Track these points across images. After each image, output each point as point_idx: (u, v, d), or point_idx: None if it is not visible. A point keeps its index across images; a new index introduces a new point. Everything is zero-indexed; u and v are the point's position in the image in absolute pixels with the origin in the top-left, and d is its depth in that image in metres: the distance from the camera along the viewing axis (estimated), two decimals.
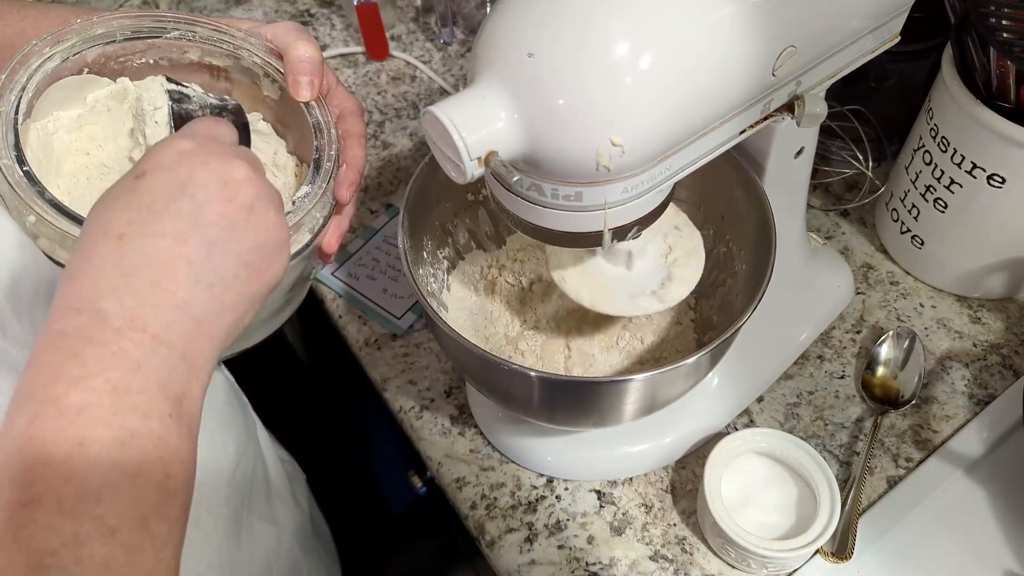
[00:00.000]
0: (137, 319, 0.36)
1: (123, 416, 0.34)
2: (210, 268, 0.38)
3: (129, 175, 0.39)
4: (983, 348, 0.77)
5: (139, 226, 0.37)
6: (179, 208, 0.38)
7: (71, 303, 0.36)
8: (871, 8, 0.52)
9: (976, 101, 0.66)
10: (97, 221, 0.38)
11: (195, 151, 0.40)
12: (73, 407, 0.33)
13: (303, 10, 1.10)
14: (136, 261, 0.36)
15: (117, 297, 0.36)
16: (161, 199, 0.38)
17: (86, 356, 0.34)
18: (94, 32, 0.51)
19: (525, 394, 0.59)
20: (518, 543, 0.67)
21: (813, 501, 0.63)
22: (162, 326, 0.36)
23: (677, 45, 0.43)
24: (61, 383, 0.34)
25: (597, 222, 0.49)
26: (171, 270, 0.37)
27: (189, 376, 0.37)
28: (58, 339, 0.35)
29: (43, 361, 0.35)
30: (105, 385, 0.34)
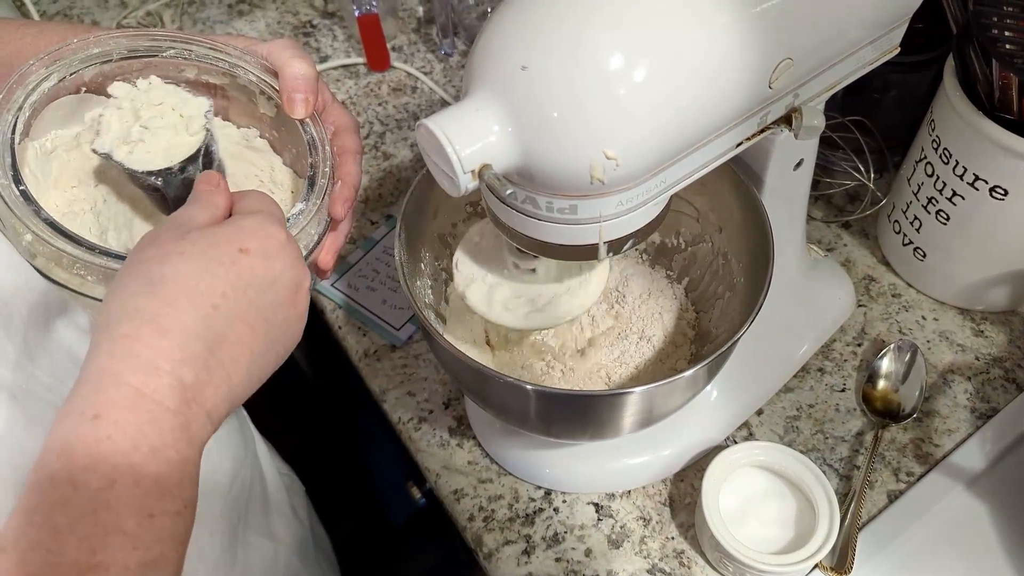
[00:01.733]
0: (201, 394, 0.37)
1: (183, 487, 0.36)
2: (262, 364, 0.40)
3: (232, 242, 0.40)
4: (986, 361, 0.76)
5: (232, 304, 0.39)
6: (263, 302, 0.40)
7: (156, 360, 0.36)
8: (869, 20, 0.52)
9: (978, 113, 0.66)
10: (196, 279, 0.38)
11: (286, 248, 0.42)
12: (150, 477, 0.35)
13: (305, 21, 1.11)
14: (219, 338, 0.38)
15: (196, 369, 0.37)
16: (255, 287, 0.40)
17: (163, 425, 0.36)
18: (91, 51, 0.51)
19: (521, 407, 0.59)
20: (516, 555, 0.67)
21: (812, 515, 0.63)
22: (215, 405, 0.38)
23: (671, 57, 0.43)
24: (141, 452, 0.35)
25: (592, 235, 0.49)
26: (239, 358, 0.39)
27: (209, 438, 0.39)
28: (138, 399, 0.35)
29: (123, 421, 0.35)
30: (175, 456, 0.36)
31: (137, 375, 0.36)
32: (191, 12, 1.13)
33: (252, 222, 0.42)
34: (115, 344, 0.36)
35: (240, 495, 0.62)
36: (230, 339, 0.38)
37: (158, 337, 0.36)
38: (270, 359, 0.41)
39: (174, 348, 0.36)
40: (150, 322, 0.37)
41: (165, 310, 0.37)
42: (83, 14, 1.14)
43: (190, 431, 0.37)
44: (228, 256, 0.40)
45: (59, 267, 0.44)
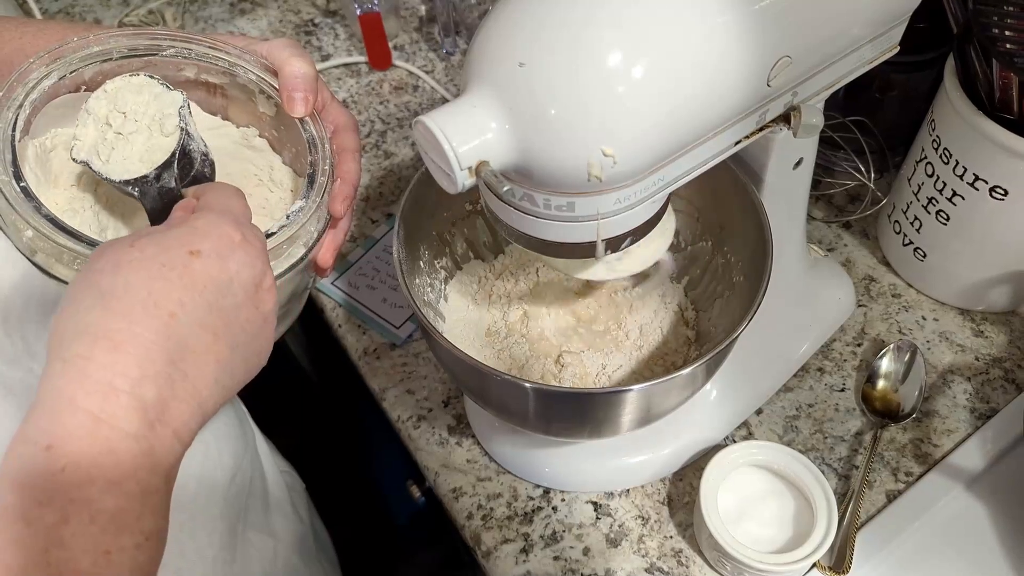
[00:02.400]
0: (166, 412, 0.35)
1: (145, 519, 0.34)
2: (229, 370, 0.38)
3: (181, 244, 0.38)
4: (985, 362, 0.76)
5: (190, 309, 0.36)
6: (223, 305, 0.38)
7: (112, 379, 0.34)
8: (868, 18, 0.52)
9: (979, 112, 0.66)
10: (148, 288, 0.36)
11: (242, 246, 0.40)
12: (106, 513, 0.33)
13: (307, 20, 1.11)
14: (180, 348, 0.36)
15: (158, 385, 0.35)
16: (212, 288, 0.38)
17: (122, 454, 0.33)
18: (91, 50, 0.51)
19: (520, 405, 0.59)
20: (514, 554, 0.67)
21: (811, 515, 0.63)
22: (182, 423, 0.36)
23: (669, 55, 0.43)
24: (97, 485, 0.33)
25: (590, 232, 0.49)
26: (204, 367, 0.37)
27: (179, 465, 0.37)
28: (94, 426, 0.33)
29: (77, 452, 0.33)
30: (136, 488, 0.33)
31: (92, 398, 0.33)
32: (193, 10, 1.13)
33: (203, 222, 0.40)
34: (68, 364, 0.34)
35: (240, 492, 0.62)
36: (193, 348, 0.36)
37: (113, 354, 0.34)
38: (238, 365, 0.39)
39: (131, 365, 0.34)
40: (104, 338, 0.34)
41: (118, 324, 0.34)
42: (85, 12, 1.14)
43: (154, 457, 0.34)
44: (179, 260, 0.37)
45: (60, 263, 0.45)
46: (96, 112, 0.49)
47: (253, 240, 0.41)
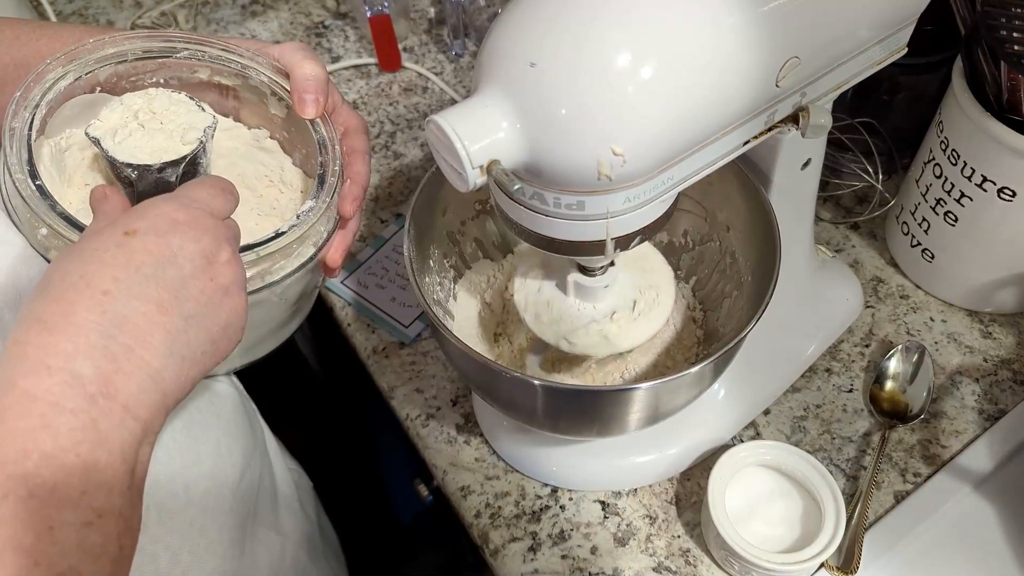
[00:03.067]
0: (110, 385, 0.35)
1: (91, 495, 0.33)
2: (184, 341, 0.38)
3: (115, 228, 0.38)
4: (994, 363, 0.76)
5: (125, 286, 0.36)
6: (165, 276, 0.38)
7: (46, 358, 0.34)
8: (876, 20, 0.52)
9: (987, 114, 0.66)
10: (80, 271, 0.36)
11: (188, 223, 0.40)
12: (44, 487, 0.32)
13: (317, 22, 1.12)
14: (117, 321, 0.35)
15: (94, 359, 0.34)
16: (150, 263, 0.37)
17: (59, 427, 0.33)
18: (106, 52, 0.52)
19: (529, 403, 0.60)
20: (522, 552, 0.67)
21: (819, 515, 0.63)
22: (131, 395, 0.35)
23: (679, 55, 0.43)
24: (33, 458, 0.32)
25: (600, 231, 0.49)
26: (149, 338, 0.36)
27: (145, 443, 0.36)
28: (29, 403, 0.33)
29: (13, 429, 0.33)
30: (76, 461, 0.33)
31: (27, 377, 0.34)
32: (205, 12, 1.14)
33: (146, 204, 0.40)
34: (8, 351, 0.34)
35: (250, 489, 0.63)
36: (134, 321, 0.36)
37: (45, 335, 0.34)
38: (197, 336, 0.38)
39: (63, 342, 0.34)
40: (38, 322, 0.35)
41: (51, 308, 0.35)
42: (98, 14, 1.15)
43: (98, 430, 0.34)
44: (112, 241, 0.37)
45: None
46: (129, 104, 0.51)
47: (202, 218, 0.40)
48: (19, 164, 0.45)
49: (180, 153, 0.50)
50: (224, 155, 0.59)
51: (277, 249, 0.50)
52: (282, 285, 0.52)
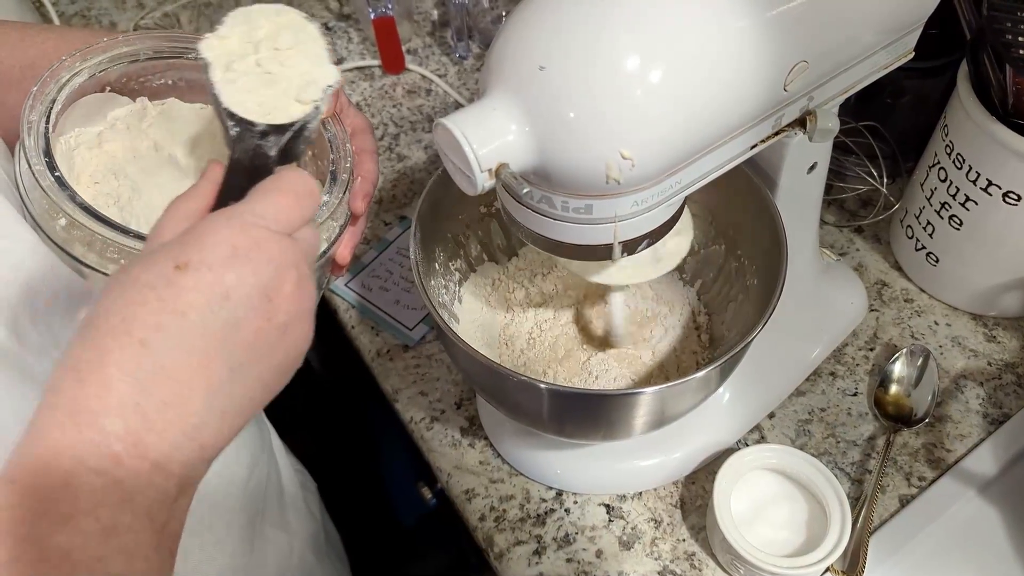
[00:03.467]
0: (139, 444, 0.32)
1: (109, 559, 0.31)
2: (227, 393, 0.35)
3: (168, 258, 0.34)
4: (998, 367, 0.76)
5: (167, 335, 0.33)
6: (214, 321, 0.34)
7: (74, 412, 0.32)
8: (883, 24, 0.52)
9: (992, 118, 0.66)
10: (122, 313, 0.33)
11: (248, 252, 0.35)
12: (57, 551, 0.30)
13: (321, 23, 1.11)
14: (153, 375, 0.33)
15: (124, 417, 0.32)
16: (197, 307, 0.34)
17: (79, 488, 0.31)
18: (120, 50, 0.52)
19: (535, 406, 0.59)
20: (526, 556, 0.67)
21: (824, 519, 0.63)
22: (163, 454, 0.33)
23: (687, 59, 0.43)
24: (47, 521, 0.31)
25: (607, 235, 0.49)
26: (188, 392, 0.33)
27: (179, 500, 0.34)
28: (53, 459, 0.31)
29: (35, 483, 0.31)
30: (94, 525, 0.31)
31: (54, 431, 0.32)
32: (208, 14, 1.13)
33: (203, 227, 0.35)
34: (44, 398, 0.33)
35: (258, 488, 0.63)
36: (174, 375, 0.33)
37: (76, 386, 0.32)
38: (247, 385, 0.35)
39: (92, 397, 0.32)
40: (73, 370, 0.33)
41: (87, 355, 0.33)
42: (101, 15, 1.15)
43: (123, 492, 0.32)
44: (162, 278, 0.34)
45: (92, 251, 0.45)
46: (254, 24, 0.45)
47: (265, 243, 0.36)
48: (38, 155, 0.45)
49: (290, 115, 0.44)
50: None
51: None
52: None
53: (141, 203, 0.51)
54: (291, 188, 0.38)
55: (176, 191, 0.54)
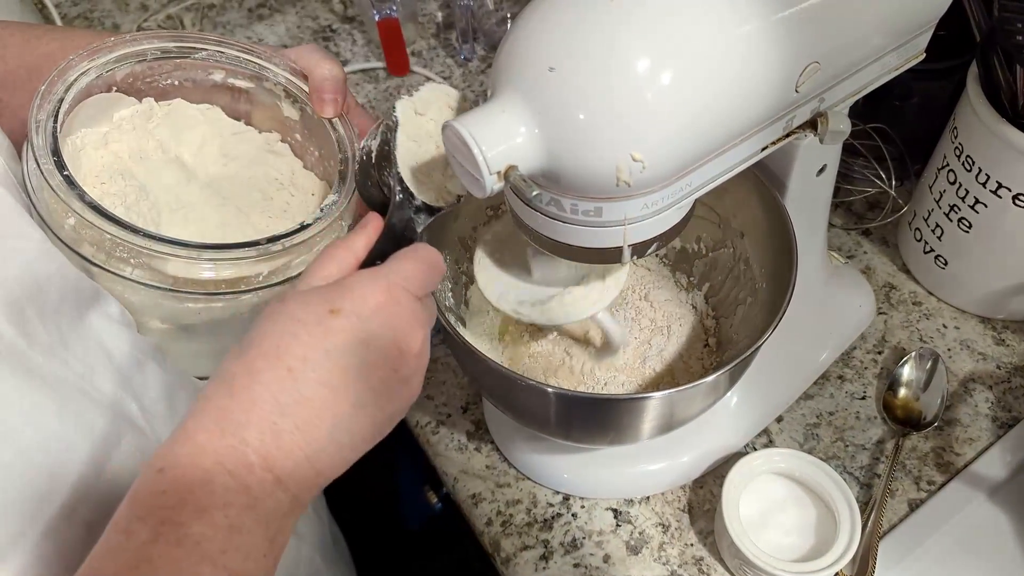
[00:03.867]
0: (269, 459, 0.37)
1: (229, 555, 0.35)
2: (347, 428, 0.39)
3: (324, 302, 0.40)
4: (1007, 370, 0.76)
5: (311, 367, 0.38)
6: (350, 363, 0.39)
7: (221, 420, 0.37)
8: (895, 25, 0.52)
9: (1002, 120, 0.66)
10: (278, 340, 0.38)
11: (390, 307, 0.41)
12: (191, 538, 0.34)
13: (325, 25, 1.11)
14: (292, 400, 0.37)
15: (261, 432, 0.37)
16: (340, 347, 0.39)
17: (215, 485, 0.35)
18: (127, 50, 0.52)
19: (542, 410, 0.59)
20: (533, 560, 0.67)
21: (833, 523, 0.62)
22: (287, 472, 0.37)
23: (699, 60, 0.42)
24: (188, 509, 0.35)
25: (617, 238, 0.48)
26: (316, 420, 0.38)
27: (290, 516, 0.38)
28: (198, 456, 0.36)
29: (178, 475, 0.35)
30: (223, 521, 0.35)
31: (201, 434, 0.36)
32: (211, 16, 1.13)
33: (355, 280, 0.41)
34: (198, 404, 0.38)
35: None
36: (309, 403, 0.38)
37: (227, 400, 0.37)
38: (363, 424, 0.40)
39: (238, 411, 0.37)
40: (226, 383, 0.38)
41: (241, 373, 0.38)
42: (104, 17, 1.15)
43: (250, 497, 0.36)
44: (315, 317, 0.39)
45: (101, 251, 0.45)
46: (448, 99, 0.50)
47: (405, 301, 0.41)
48: (47, 155, 0.45)
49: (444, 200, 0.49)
50: (235, 158, 0.59)
51: (302, 241, 0.50)
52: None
53: (147, 203, 0.51)
54: (426, 259, 0.44)
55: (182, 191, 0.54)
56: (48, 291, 0.43)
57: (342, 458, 0.40)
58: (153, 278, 0.47)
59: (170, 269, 0.47)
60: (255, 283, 0.50)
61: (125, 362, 0.47)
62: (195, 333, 0.52)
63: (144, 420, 0.48)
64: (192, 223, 0.52)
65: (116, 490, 0.43)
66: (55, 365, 0.42)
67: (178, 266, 0.47)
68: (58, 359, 0.43)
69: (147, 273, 0.47)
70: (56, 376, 0.42)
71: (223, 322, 0.52)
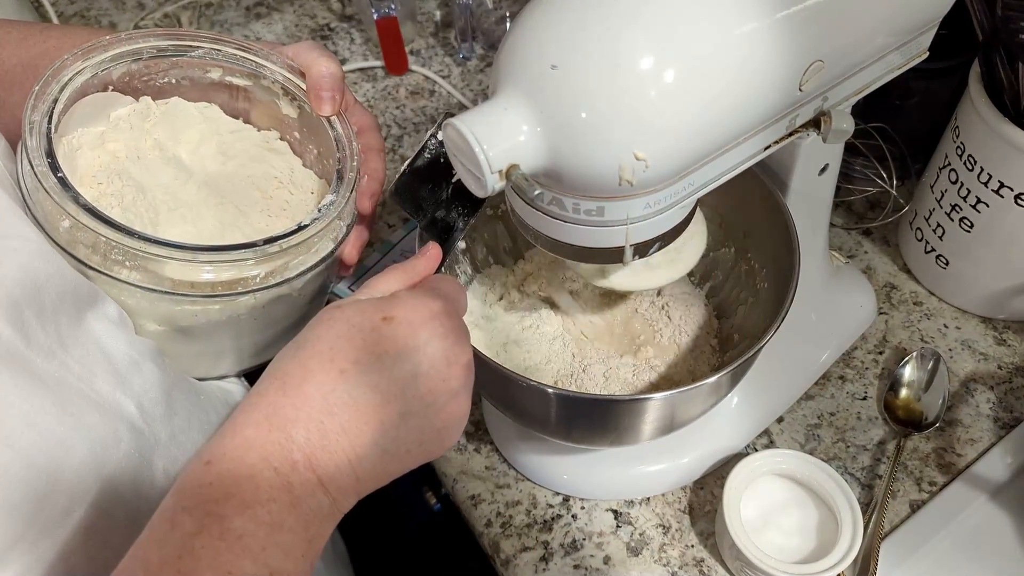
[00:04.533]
0: (314, 458, 0.37)
1: (269, 552, 0.35)
2: (393, 437, 0.39)
3: (379, 310, 0.40)
4: (1008, 371, 0.76)
5: (362, 370, 0.39)
6: (401, 370, 0.39)
7: (271, 416, 0.37)
8: (899, 24, 0.51)
9: (1004, 119, 0.66)
10: (332, 343, 0.39)
11: (442, 319, 0.41)
12: (234, 532, 0.35)
13: (323, 24, 1.11)
14: (341, 402, 0.38)
15: (309, 431, 0.37)
16: (392, 353, 0.39)
17: (260, 481, 0.36)
18: (122, 49, 0.52)
19: (542, 411, 0.59)
20: (533, 562, 0.66)
21: (834, 524, 0.62)
22: (329, 475, 0.37)
23: (702, 59, 0.42)
24: (232, 503, 0.35)
25: (619, 237, 0.48)
26: (363, 425, 0.38)
27: (329, 521, 0.38)
28: (245, 450, 0.36)
29: (225, 469, 0.36)
30: (266, 517, 0.35)
31: (250, 428, 0.37)
32: (208, 14, 1.13)
33: (408, 293, 0.42)
34: (249, 399, 0.38)
35: None
36: (357, 406, 0.38)
37: (279, 396, 0.38)
38: (407, 434, 0.40)
39: (289, 407, 0.37)
40: (279, 380, 0.38)
41: (294, 371, 0.38)
42: (100, 15, 1.14)
43: (292, 494, 0.36)
44: (369, 323, 0.40)
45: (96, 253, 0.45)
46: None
47: (454, 315, 0.42)
48: (40, 156, 0.45)
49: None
50: (234, 157, 0.59)
51: (300, 242, 0.50)
52: (301, 280, 0.52)
53: (144, 203, 0.50)
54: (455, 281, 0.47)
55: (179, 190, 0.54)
56: (46, 292, 0.43)
57: (384, 468, 0.40)
58: (149, 280, 0.47)
59: (166, 271, 0.46)
60: (252, 285, 0.50)
61: (123, 363, 0.47)
62: (192, 335, 0.52)
63: (143, 421, 0.47)
64: (190, 222, 0.52)
65: (115, 491, 0.43)
66: (53, 366, 0.42)
67: (174, 268, 0.46)
68: (56, 360, 0.42)
69: (143, 275, 0.46)
70: (55, 377, 0.42)
71: (220, 324, 0.51)
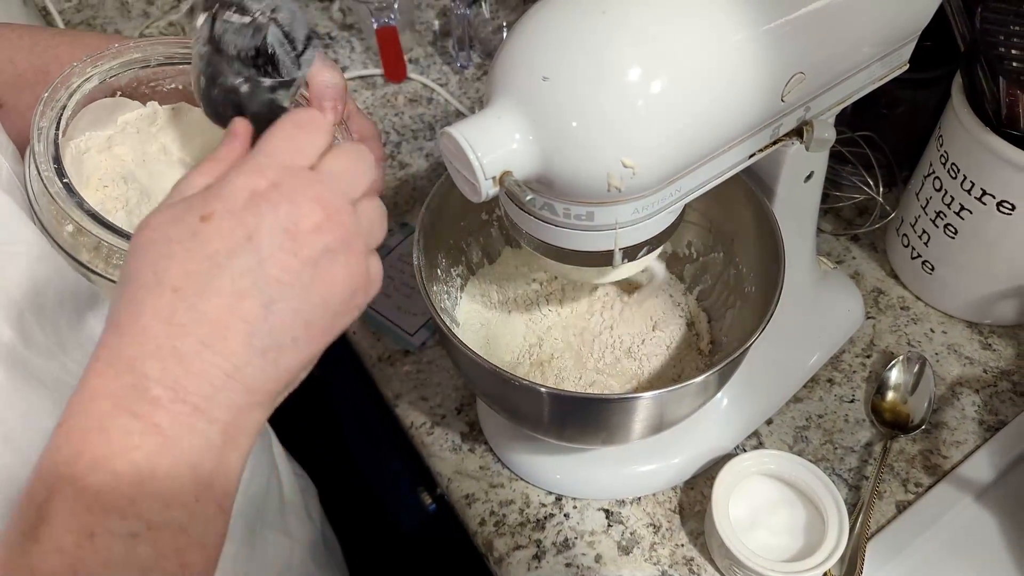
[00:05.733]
0: (179, 388, 0.33)
1: (140, 505, 0.31)
2: (266, 330, 0.34)
3: (194, 212, 0.35)
4: (993, 374, 0.77)
5: (196, 279, 0.34)
6: (241, 263, 0.34)
7: (111, 360, 0.33)
8: (879, 36, 0.53)
9: (986, 129, 0.67)
10: (153, 267, 0.34)
11: (268, 191, 0.36)
12: (90, 490, 0.31)
13: (324, 33, 1.12)
14: (188, 319, 0.33)
15: (161, 360, 0.33)
16: (224, 250, 0.34)
17: (113, 431, 0.32)
18: (131, 56, 0.53)
19: (535, 410, 0.60)
20: (526, 560, 0.68)
21: (821, 524, 0.63)
22: (205, 397, 0.33)
23: (688, 70, 0.44)
24: (84, 460, 0.31)
25: (608, 241, 0.50)
26: (224, 332, 0.34)
27: (226, 450, 0.34)
28: (90, 402, 0.33)
29: (72, 426, 0.32)
30: (127, 468, 0.31)
31: (95, 378, 0.33)
32: None
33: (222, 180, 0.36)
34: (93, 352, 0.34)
35: (258, 492, 0.63)
36: (206, 318, 0.33)
37: (116, 337, 0.34)
38: (285, 321, 0.35)
39: (129, 345, 0.33)
40: (111, 324, 0.34)
41: (123, 308, 0.34)
42: (106, 23, 1.16)
43: (162, 435, 0.32)
44: (187, 230, 0.35)
45: (99, 258, 0.46)
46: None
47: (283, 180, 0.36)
48: (47, 162, 0.46)
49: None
50: None
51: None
52: None
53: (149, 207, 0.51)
54: (290, 121, 0.38)
55: None
56: (46, 294, 0.43)
57: (275, 367, 0.35)
58: None
59: None
60: None
61: None
62: None
63: None
64: None
65: None
66: (53, 367, 0.43)
67: None
68: (56, 361, 0.43)
69: None
70: (54, 378, 0.43)
71: None
